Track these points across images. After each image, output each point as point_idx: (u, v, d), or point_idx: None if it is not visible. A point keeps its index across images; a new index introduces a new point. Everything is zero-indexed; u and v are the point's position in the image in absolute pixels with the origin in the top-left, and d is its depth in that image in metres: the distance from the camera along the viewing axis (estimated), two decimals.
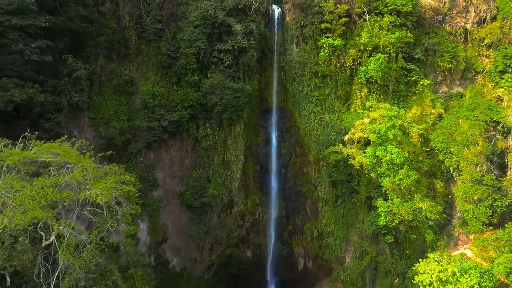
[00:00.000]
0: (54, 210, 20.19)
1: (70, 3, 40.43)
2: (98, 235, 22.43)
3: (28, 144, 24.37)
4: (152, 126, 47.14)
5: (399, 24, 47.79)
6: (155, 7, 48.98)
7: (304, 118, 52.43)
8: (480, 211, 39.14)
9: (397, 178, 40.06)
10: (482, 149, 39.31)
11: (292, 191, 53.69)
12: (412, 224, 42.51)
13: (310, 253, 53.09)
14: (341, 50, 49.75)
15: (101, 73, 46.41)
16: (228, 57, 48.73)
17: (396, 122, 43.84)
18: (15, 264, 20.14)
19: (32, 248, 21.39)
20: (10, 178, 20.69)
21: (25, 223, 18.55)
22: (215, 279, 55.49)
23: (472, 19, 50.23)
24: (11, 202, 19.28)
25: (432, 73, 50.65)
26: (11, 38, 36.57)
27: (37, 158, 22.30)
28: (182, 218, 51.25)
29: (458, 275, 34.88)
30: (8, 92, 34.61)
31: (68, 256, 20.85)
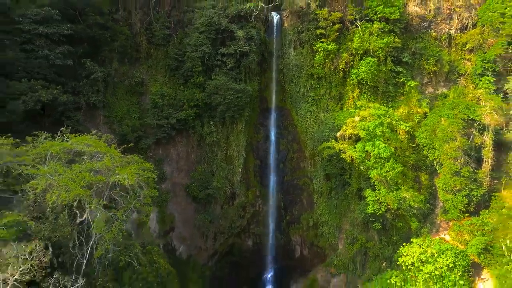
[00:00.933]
0: (90, 190, 24.48)
1: (89, 13, 44.80)
2: (124, 214, 26.74)
3: (65, 136, 28.70)
4: (161, 124, 51.44)
5: (388, 30, 51.92)
6: (163, 15, 53.31)
7: (300, 117, 56.68)
8: (458, 200, 43.45)
9: (384, 170, 44.33)
10: (460, 144, 43.58)
11: (290, 184, 58.01)
12: (398, 212, 46.89)
13: (306, 241, 57.40)
14: (335, 54, 53.87)
15: (115, 75, 50.72)
16: (230, 60, 52.98)
17: (384, 120, 48.15)
18: (58, 235, 24.35)
19: (69, 223, 25.70)
20: (53, 164, 25.02)
21: (70, 199, 22.86)
22: (218, 266, 59.65)
23: (456, 25, 54.49)
24: (56, 183, 23.57)
25: (418, 75, 54.89)
26: (38, 44, 41.04)
27: (73, 148, 26.66)
28: (188, 208, 55.52)
29: (436, 255, 39.27)
30: (36, 93, 38.93)
31: (100, 229, 25.12)
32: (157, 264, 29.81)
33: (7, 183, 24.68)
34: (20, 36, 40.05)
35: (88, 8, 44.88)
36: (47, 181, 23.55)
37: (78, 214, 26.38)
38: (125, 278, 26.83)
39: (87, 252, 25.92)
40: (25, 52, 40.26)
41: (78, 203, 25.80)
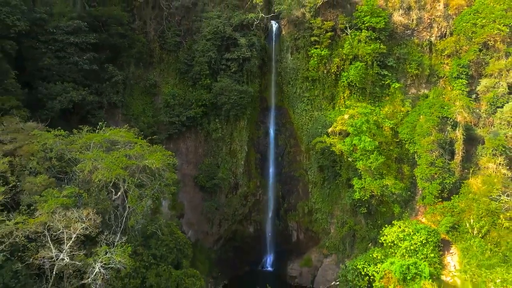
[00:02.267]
0: (126, 171, 30.91)
1: (111, 24, 51.22)
2: (151, 192, 33.19)
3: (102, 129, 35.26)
4: (173, 121, 57.86)
5: (374, 38, 58.24)
6: (174, 24, 59.75)
7: (297, 115, 63.04)
8: (433, 187, 49.87)
9: (369, 161, 50.70)
10: (435, 139, 49.97)
11: (287, 175, 64.45)
12: (382, 199, 53.32)
13: (302, 227, 63.85)
14: (327, 58, 60.18)
15: (131, 78, 57.18)
16: (234, 64, 59.32)
17: (370, 118, 54.63)
18: (100, 207, 30.73)
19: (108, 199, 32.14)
20: (96, 151, 31.48)
21: (112, 178, 29.32)
22: (222, 250, 66.02)
23: (435, 33, 60.92)
24: (100, 165, 29.99)
25: (402, 78, 61.29)
26: (69, 52, 47.52)
27: (111, 138, 33.14)
28: (196, 197, 61.96)
29: (412, 234, 45.69)
30: (69, 94, 45.43)
31: (134, 203, 31.57)
32: (176, 235, 36.20)
33: (61, 166, 31.02)
34: (54, 45, 46.42)
35: (110, 20, 51.29)
36: (93, 163, 29.93)
37: (113, 192, 32.89)
38: (152, 244, 33.20)
39: (121, 222, 32.35)
40: (58, 59, 46.72)
41: (113, 184, 32.31)
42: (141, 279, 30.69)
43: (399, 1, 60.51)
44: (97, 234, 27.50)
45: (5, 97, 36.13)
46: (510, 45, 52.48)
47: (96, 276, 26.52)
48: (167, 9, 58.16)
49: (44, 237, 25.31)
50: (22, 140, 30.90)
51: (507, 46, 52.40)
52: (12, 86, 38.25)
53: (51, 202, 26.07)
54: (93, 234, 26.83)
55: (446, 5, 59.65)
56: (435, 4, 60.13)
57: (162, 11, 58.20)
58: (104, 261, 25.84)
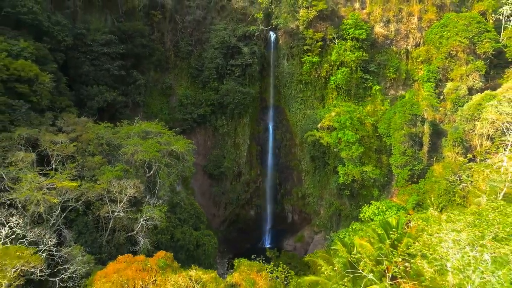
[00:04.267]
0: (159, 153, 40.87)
1: (135, 36, 61.11)
2: (176, 170, 43.15)
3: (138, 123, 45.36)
4: (186, 118, 67.82)
5: (358, 47, 68.15)
6: (187, 35, 69.75)
7: (292, 113, 73.05)
8: (404, 172, 59.83)
9: (351, 151, 60.62)
10: (406, 132, 59.84)
11: (284, 165, 74.47)
12: (363, 183, 63.21)
13: (296, 209, 73.88)
14: (318, 64, 70.16)
15: (151, 81, 67.12)
16: (238, 69, 69.27)
17: (354, 115, 64.55)
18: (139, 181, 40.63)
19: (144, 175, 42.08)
20: (135, 138, 41.48)
21: (150, 158, 39.28)
22: (227, 231, 75.95)
23: (411, 42, 70.94)
24: (139, 149, 39.94)
25: (382, 81, 71.30)
26: (102, 60, 57.37)
27: (146, 129, 43.19)
28: (205, 184, 71.94)
29: (385, 210, 55.56)
30: (103, 95, 55.36)
31: (164, 178, 41.55)
32: (194, 205, 46.00)
33: (109, 150, 40.79)
34: (91, 55, 56.37)
35: (134, 33, 61.21)
36: (134, 148, 39.80)
37: (146, 171, 42.86)
38: (177, 211, 43.04)
39: (153, 194, 42.28)
40: (94, 66, 56.65)
41: (147, 164, 42.27)
42: (170, 236, 40.56)
43: (379, 15, 70.54)
44: (142, 198, 37.41)
45: (61, 98, 46.07)
46: (470, 54, 62.31)
47: (140, 229, 36.47)
48: (181, 23, 68.20)
49: (105, 198, 35.15)
50: (80, 131, 40.73)
51: (467, 55, 62.24)
52: (64, 89, 48.23)
53: (108, 174, 35.87)
54: (139, 197, 36.71)
55: (420, 18, 69.73)
56: (410, 18, 70.19)
57: (177, 24, 68.22)
58: (147, 216, 35.73)
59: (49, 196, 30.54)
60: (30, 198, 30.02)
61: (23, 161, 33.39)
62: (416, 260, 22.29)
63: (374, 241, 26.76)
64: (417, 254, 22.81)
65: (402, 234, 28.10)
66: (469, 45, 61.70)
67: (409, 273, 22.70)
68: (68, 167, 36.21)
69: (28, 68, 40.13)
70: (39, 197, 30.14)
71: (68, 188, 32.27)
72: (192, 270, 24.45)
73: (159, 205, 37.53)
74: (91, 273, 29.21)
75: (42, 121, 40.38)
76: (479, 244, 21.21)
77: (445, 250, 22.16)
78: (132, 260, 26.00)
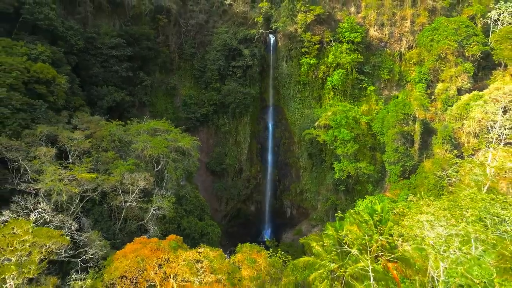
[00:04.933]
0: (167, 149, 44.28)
1: (142, 39, 64.52)
2: (182, 165, 46.54)
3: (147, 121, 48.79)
4: (189, 117, 71.25)
5: (353, 49, 71.59)
6: (190, 38, 73.17)
7: (290, 112, 76.46)
8: (396, 168, 63.27)
9: (346, 148, 64.05)
10: (398, 130, 63.26)
11: (283, 162, 77.88)
12: (358, 179, 66.67)
13: (294, 204, 77.27)
14: (315, 66, 73.57)
15: (156, 82, 70.50)
16: (239, 71, 72.67)
17: (349, 115, 67.93)
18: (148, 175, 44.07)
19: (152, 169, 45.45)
20: (145, 135, 44.91)
21: (158, 153, 42.68)
22: (229, 225, 79.31)
23: (404, 45, 74.35)
24: (148, 145, 43.35)
25: (377, 82, 74.70)
26: (111, 62, 60.82)
27: (154, 127, 46.62)
28: (208, 180, 75.35)
29: (377, 203, 58.92)
30: (112, 95, 58.79)
31: (171, 172, 44.97)
32: (198, 198, 49.45)
33: (121, 146, 44.16)
34: (101, 57, 59.80)
35: (141, 36, 64.60)
36: (143, 144, 43.21)
37: (155, 165, 46.27)
38: (183, 202, 46.43)
39: (162, 187, 45.69)
40: (103, 68, 60.10)
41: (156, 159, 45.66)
42: (177, 225, 43.97)
43: (374, 19, 73.98)
44: (152, 189, 40.83)
45: (74, 97, 49.50)
46: (459, 56, 65.70)
47: (150, 218, 39.89)
48: (185, 26, 71.63)
49: (118, 189, 38.52)
50: (93, 128, 44.14)
51: (456, 57, 65.62)
52: (77, 90, 51.65)
53: (121, 167, 39.22)
54: (149, 189, 40.14)
55: (413, 22, 73.15)
56: (404, 22, 73.61)
57: (180, 28, 71.64)
58: (157, 205, 39.11)
59: (71, 186, 33.98)
60: (54, 188, 33.45)
61: (45, 155, 36.81)
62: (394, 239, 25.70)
63: (360, 225, 30.16)
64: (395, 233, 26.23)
65: (386, 219, 31.52)
66: (458, 48, 65.08)
67: (386, 247, 26.12)
68: (85, 161, 39.63)
69: (46, 71, 43.53)
70: (61, 187, 33.59)
71: (86, 179, 35.69)
72: (201, 248, 27.86)
73: (167, 196, 40.91)
74: (107, 256, 32.66)
75: (59, 119, 43.80)
76: (449, 224, 24.65)
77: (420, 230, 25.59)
78: (147, 241, 29.41)
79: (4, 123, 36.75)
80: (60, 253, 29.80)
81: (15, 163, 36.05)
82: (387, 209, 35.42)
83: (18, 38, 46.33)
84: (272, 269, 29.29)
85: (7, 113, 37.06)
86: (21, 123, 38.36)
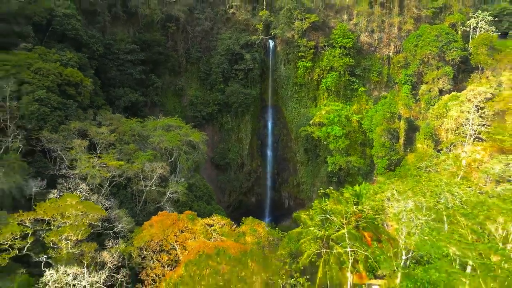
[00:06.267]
0: (180, 142, 51.23)
1: (153, 45, 71.46)
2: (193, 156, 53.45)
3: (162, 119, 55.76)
4: (196, 116, 78.10)
5: (345, 54, 78.44)
6: (197, 43, 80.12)
7: (288, 111, 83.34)
8: (383, 162, 70.18)
9: (338, 143, 70.96)
10: (385, 127, 70.18)
11: (281, 157, 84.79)
12: (349, 172, 73.60)
13: (292, 196, 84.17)
14: (311, 69, 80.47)
15: (166, 84, 77.41)
16: (241, 73, 79.53)
17: (342, 113, 74.86)
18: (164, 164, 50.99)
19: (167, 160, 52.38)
20: (160, 131, 51.85)
21: (173, 146, 49.60)
22: (232, 216, 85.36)
23: (392, 50, 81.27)
24: (164, 139, 50.26)
25: (367, 83, 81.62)
26: (126, 66, 67.78)
27: (168, 123, 53.57)
28: (212, 173, 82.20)
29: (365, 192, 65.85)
30: (128, 95, 65.73)
31: (183, 163, 51.93)
32: (206, 186, 56.43)
33: (140, 139, 51.04)
34: (117, 61, 66.73)
35: (153, 42, 71.57)
36: (159, 138, 50.11)
37: (168, 157, 53.21)
38: (193, 189, 53.34)
39: (175, 175, 52.62)
40: (119, 71, 67.03)
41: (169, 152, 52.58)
42: (189, 208, 50.80)
43: (365, 26, 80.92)
44: (167, 177, 47.76)
45: (97, 98, 56.42)
46: (440, 61, 72.53)
47: (166, 201, 46.77)
48: (192, 33, 78.59)
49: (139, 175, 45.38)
50: (116, 124, 50.98)
51: (437, 61, 72.47)
52: (99, 91, 58.56)
53: (142, 157, 46.04)
54: (166, 176, 47.06)
55: (400, 28, 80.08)
56: (392, 28, 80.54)
57: (188, 34, 78.57)
58: (173, 190, 45.97)
59: (103, 172, 40.93)
60: (89, 173, 40.39)
61: (79, 146, 43.77)
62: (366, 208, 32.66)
63: (341, 200, 37.11)
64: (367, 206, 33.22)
65: (364, 197, 38.44)
66: (439, 53, 71.91)
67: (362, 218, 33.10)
68: (111, 152, 46.59)
69: (75, 74, 50.43)
70: (95, 172, 40.54)
71: (114, 166, 42.62)
72: (214, 216, 34.75)
73: (181, 182, 47.86)
74: (133, 230, 39.53)
75: (86, 116, 50.72)
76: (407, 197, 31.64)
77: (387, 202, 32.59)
78: (169, 215, 36.31)
79: (45, 119, 43.64)
80: (97, 225, 36.75)
81: (54, 153, 43.06)
82: (365, 191, 42.26)
83: (50, 46, 53.19)
84: (270, 237, 36.20)
85: (47, 111, 43.96)
86: (58, 120, 45.26)
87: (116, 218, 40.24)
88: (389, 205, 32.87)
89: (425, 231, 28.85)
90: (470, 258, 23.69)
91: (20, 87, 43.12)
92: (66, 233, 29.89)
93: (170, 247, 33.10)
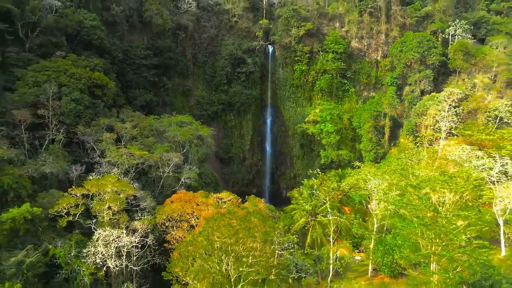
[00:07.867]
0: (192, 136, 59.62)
1: (165, 50, 79.91)
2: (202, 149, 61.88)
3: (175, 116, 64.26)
4: (202, 114, 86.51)
5: (337, 58, 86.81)
6: (203, 49, 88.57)
7: (286, 110, 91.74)
8: (370, 155, 78.61)
9: (330, 139, 79.36)
10: (371, 124, 78.58)
11: (279, 152, 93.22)
12: (340, 164, 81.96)
13: (289, 187, 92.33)
14: (306, 72, 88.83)
15: (175, 85, 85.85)
16: (243, 76, 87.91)
17: (334, 112, 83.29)
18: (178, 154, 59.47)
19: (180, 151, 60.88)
20: (174, 126, 60.27)
21: (186, 139, 58.03)
22: None
23: (380, 54, 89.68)
24: (178, 133, 58.66)
25: (357, 85, 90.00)
26: (141, 70, 76.23)
27: (181, 120, 62.03)
28: (217, 166, 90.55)
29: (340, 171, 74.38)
30: (143, 96, 74.20)
31: (194, 154, 60.41)
32: (213, 174, 64.87)
33: (157, 134, 59.45)
34: (133, 65, 75.16)
35: (164, 48, 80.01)
36: (174, 132, 58.53)
37: (181, 149, 61.68)
38: (202, 177, 61.77)
39: (186, 164, 61.05)
40: (136, 74, 75.49)
41: (182, 145, 61.03)
42: None
43: (355, 33, 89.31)
44: (182, 165, 56.21)
45: (119, 98, 64.87)
46: (421, 64, 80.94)
47: (180, 185, 55.20)
48: (199, 39, 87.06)
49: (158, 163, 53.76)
50: (136, 120, 59.42)
51: (419, 65, 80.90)
52: (120, 92, 67.02)
53: (160, 148, 54.45)
54: (180, 164, 55.54)
55: (387, 35, 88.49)
56: (379, 35, 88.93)
57: (195, 41, 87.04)
58: (186, 175, 54.38)
59: (130, 159, 49.40)
60: (119, 160, 48.84)
61: (109, 139, 52.23)
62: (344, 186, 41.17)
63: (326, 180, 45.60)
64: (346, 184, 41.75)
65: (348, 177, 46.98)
66: (421, 57, 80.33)
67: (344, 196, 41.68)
68: (134, 144, 55.08)
69: (102, 78, 58.87)
70: (124, 160, 48.99)
71: (138, 155, 51.07)
72: (223, 193, 43.20)
73: (193, 169, 56.36)
74: (155, 208, 47.87)
75: (111, 114, 59.15)
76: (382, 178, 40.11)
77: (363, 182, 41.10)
78: (186, 193, 44.75)
79: (80, 116, 52.11)
80: (128, 202, 45.20)
81: (87, 144, 51.55)
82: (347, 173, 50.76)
83: (78, 53, 61.59)
84: (268, 210, 44.65)
85: (81, 109, 52.41)
86: (90, 116, 53.72)
87: (141, 197, 48.72)
88: (366, 183, 41.37)
89: (390, 201, 37.34)
90: (413, 215, 32.17)
91: (60, 89, 51.61)
92: (108, 203, 38.31)
93: (188, 217, 41.53)
